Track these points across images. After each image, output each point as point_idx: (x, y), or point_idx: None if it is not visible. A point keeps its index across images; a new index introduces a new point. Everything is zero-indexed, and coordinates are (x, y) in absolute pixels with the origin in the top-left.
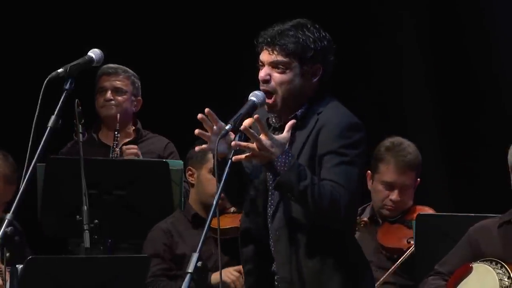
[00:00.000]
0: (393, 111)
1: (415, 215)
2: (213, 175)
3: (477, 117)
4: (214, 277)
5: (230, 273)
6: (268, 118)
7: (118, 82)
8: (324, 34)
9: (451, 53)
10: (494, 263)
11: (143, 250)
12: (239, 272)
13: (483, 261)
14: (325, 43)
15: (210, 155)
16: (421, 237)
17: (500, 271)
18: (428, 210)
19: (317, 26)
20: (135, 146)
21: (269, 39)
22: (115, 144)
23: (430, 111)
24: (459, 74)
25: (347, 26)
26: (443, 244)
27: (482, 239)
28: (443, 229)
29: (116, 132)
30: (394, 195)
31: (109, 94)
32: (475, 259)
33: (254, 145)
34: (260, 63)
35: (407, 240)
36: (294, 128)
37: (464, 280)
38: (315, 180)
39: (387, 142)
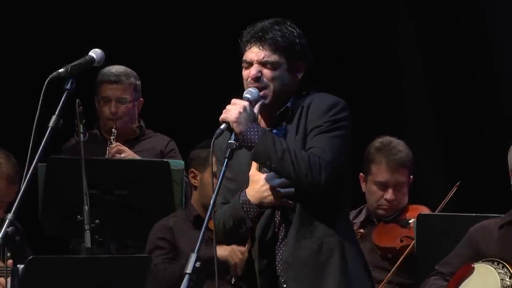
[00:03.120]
0: (393, 111)
1: (409, 214)
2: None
3: (477, 117)
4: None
5: (234, 254)
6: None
7: (121, 92)
8: (300, 31)
9: (451, 53)
10: (495, 263)
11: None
12: (243, 254)
13: (485, 261)
14: (305, 39)
15: (214, 158)
16: (422, 237)
17: (502, 271)
18: (423, 209)
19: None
20: (117, 143)
21: (260, 33)
22: (112, 139)
23: (429, 111)
24: (458, 74)
25: (346, 26)
26: (443, 244)
27: (483, 239)
28: (444, 229)
29: (113, 129)
30: (388, 195)
31: (113, 106)
32: (476, 259)
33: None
34: (246, 64)
35: (400, 239)
36: (284, 122)
37: (466, 280)
38: (291, 146)
39: (376, 142)
